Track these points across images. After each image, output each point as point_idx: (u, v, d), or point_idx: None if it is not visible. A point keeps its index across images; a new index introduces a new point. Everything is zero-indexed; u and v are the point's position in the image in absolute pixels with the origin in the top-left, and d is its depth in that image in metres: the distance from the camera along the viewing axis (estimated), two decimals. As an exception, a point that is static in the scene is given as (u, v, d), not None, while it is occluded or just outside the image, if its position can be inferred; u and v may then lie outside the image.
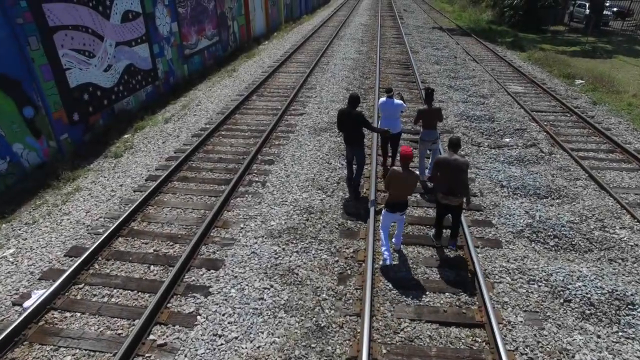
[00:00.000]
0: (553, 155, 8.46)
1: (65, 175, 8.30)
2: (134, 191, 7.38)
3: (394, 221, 5.44)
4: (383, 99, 7.12)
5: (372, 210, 6.33)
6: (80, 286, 5.09)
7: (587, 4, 29.09)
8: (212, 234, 6.10)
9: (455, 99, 11.86)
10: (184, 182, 7.61)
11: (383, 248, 5.37)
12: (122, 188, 7.53)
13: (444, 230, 5.90)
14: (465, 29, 25.85)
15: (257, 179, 7.63)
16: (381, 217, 5.49)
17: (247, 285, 5.04)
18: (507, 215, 6.38)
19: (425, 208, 6.75)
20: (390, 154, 7.61)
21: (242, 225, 6.24)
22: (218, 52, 18.75)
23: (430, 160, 7.50)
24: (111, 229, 6.03)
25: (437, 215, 5.64)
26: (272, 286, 5.02)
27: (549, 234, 5.97)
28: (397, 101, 7.07)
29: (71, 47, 9.61)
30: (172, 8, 14.38)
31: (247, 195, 7.06)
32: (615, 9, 30.43)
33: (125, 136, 10.64)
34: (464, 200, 5.32)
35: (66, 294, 4.97)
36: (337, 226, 6.21)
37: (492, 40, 22.32)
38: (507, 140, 9.27)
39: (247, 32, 22.72)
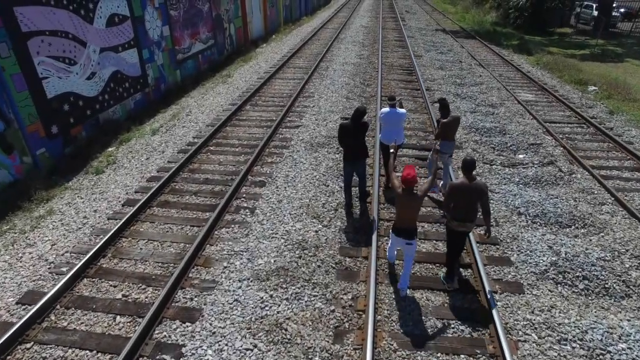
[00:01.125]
0: (573, 175, 7.66)
1: (38, 195, 7.55)
2: (108, 219, 6.60)
3: (399, 247, 4.89)
4: (386, 108, 6.63)
5: (374, 244, 5.56)
6: (28, 345, 4.31)
7: (594, 5, 28.26)
8: (191, 275, 5.32)
9: (463, 109, 11.06)
10: (165, 208, 6.84)
11: (389, 257, 5.29)
12: (95, 214, 6.76)
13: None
14: (469, 31, 25.05)
15: (245, 205, 6.85)
16: (390, 236, 4.96)
17: (226, 344, 4.26)
18: (528, 251, 5.59)
19: (434, 241, 5.96)
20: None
21: (225, 264, 5.46)
22: (213, 56, 18.00)
23: (443, 175, 6.93)
24: (76, 268, 5.26)
25: (449, 247, 4.98)
26: (256, 346, 4.24)
27: (577, 274, 5.18)
28: (401, 110, 6.63)
29: (49, 54, 8.85)
30: (163, 11, 13.63)
31: (233, 226, 6.28)
32: (622, 10, 29.57)
33: (110, 149, 9.89)
34: (485, 229, 4.79)
35: (7, 357, 4.19)
36: (333, 265, 5.43)
37: (498, 43, 21.52)
38: (522, 156, 8.47)
39: (244, 35, 21.97)
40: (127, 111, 11.94)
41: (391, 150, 5.60)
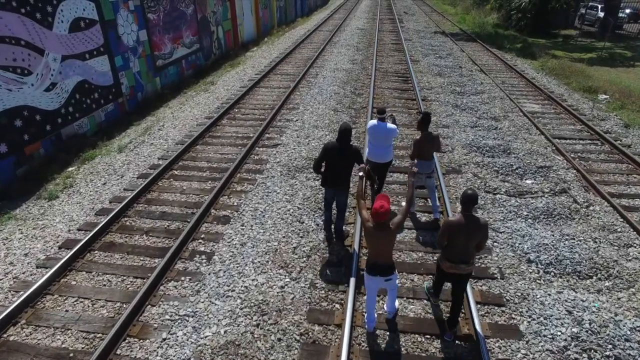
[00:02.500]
0: (591, 208, 6.55)
1: (-28, 230, 6.48)
2: (37, 267, 5.52)
3: (380, 287, 4.15)
4: (374, 121, 5.93)
5: (349, 306, 4.47)
6: None
7: (600, 6, 27.12)
8: (119, 351, 4.23)
9: (462, 123, 9.96)
10: (108, 252, 5.75)
11: (367, 319, 4.36)
12: (25, 260, 5.67)
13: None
14: (469, 33, 23.94)
15: (202, 249, 5.75)
16: (364, 281, 4.25)
17: None
18: (542, 319, 4.48)
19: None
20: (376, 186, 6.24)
21: (165, 335, 4.37)
22: (199, 61, 16.94)
23: (431, 199, 6.23)
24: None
25: (436, 284, 4.54)
26: None
27: (608, 353, 4.07)
28: (390, 125, 5.90)
29: (-6, 64, 7.82)
30: (139, 14, 12.56)
31: (184, 278, 5.19)
32: (628, 11, 28.38)
33: (70, 169, 8.84)
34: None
35: None
36: (297, 337, 4.32)
37: (500, 46, 20.41)
38: (529, 182, 7.37)
39: (234, 38, 20.91)
40: (97, 124, 10.89)
41: (360, 174, 4.55)
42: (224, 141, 9.22)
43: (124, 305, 4.80)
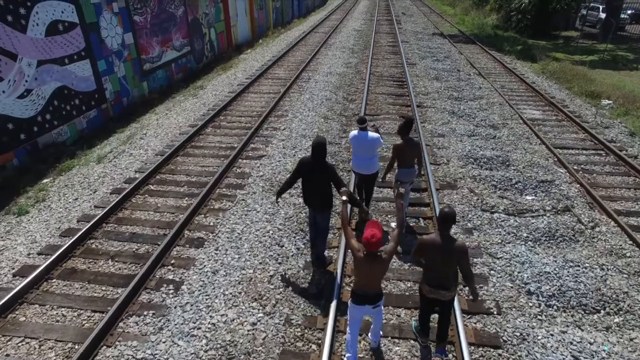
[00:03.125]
0: (597, 229, 6.03)
1: None
2: (-13, 298, 5.00)
3: (366, 315, 3.86)
4: (354, 132, 5.63)
5: (326, 349, 3.95)
6: None
7: (601, 7, 26.61)
8: (62, 405, 3.72)
9: (459, 132, 9.43)
10: (67, 280, 5.24)
11: (348, 355, 3.86)
12: (-25, 290, 5.16)
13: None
14: (468, 35, 23.43)
15: (171, 277, 5.24)
16: (348, 311, 3.85)
17: None
18: (544, 364, 3.97)
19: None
20: (364, 198, 6.21)
21: (116, 384, 3.86)
22: (190, 64, 16.44)
23: (404, 203, 5.88)
24: None
25: (421, 310, 4.16)
26: None
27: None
28: (372, 134, 5.55)
29: (-43, 71, 7.32)
30: (124, 16, 12.07)
31: (146, 313, 4.67)
32: (630, 12, 27.86)
33: (45, 181, 8.36)
34: (470, 292, 3.80)
35: None
36: (268, 388, 3.81)
37: (499, 49, 19.90)
38: (530, 198, 6.85)
39: (227, 40, 20.42)
40: (78, 132, 10.40)
41: (344, 198, 4.06)
42: (206, 152, 8.71)
43: (76, 347, 4.29)
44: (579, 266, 5.21)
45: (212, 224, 6.28)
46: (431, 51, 18.45)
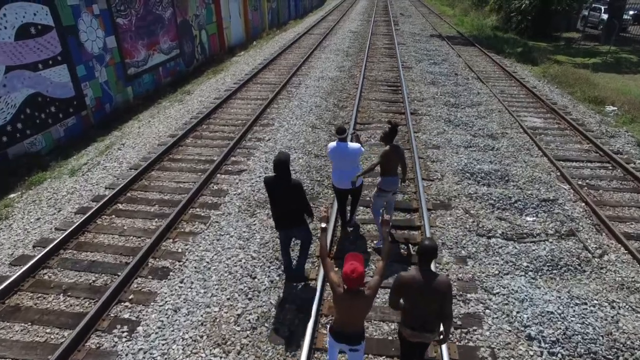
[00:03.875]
0: (605, 258, 5.44)
1: None
2: None
3: (344, 351, 3.32)
4: (333, 143, 5.24)
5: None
6: None
7: (603, 8, 25.99)
8: None
9: (455, 143, 8.84)
10: (8, 321, 4.64)
11: None
12: None
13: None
14: (467, 36, 22.83)
15: (127, 316, 4.65)
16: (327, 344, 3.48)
17: None
18: None
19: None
20: (349, 214, 5.95)
21: None
22: (179, 67, 15.87)
23: (389, 213, 5.53)
24: None
25: (402, 357, 3.64)
26: None
27: None
28: (352, 145, 5.19)
29: None
30: (106, 19, 11.50)
31: (91, 363, 4.09)
32: (632, 12, 27.22)
33: (12, 195, 7.80)
34: (442, 332, 3.32)
35: None
36: None
37: (499, 51, 19.31)
38: (530, 219, 6.26)
39: (219, 42, 19.86)
40: (55, 140, 9.84)
41: (323, 225, 3.49)
42: (184, 166, 8.12)
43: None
44: (586, 304, 4.62)
45: (180, 250, 5.70)
46: (428, 54, 17.86)
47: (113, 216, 6.55)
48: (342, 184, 5.32)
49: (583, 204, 6.72)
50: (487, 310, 4.57)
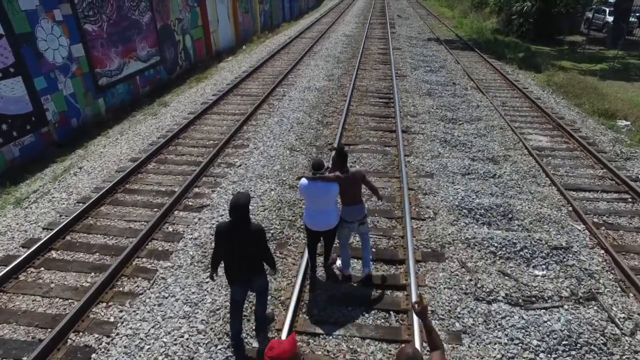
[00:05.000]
0: (638, 336, 4.36)
1: None
2: None
3: None
4: (305, 180, 4.57)
5: None
6: None
7: (607, 10, 24.90)
8: None
9: (451, 169, 7.77)
10: None
11: None
12: None
13: None
14: (466, 40, 21.76)
15: None
16: None
17: None
18: None
19: None
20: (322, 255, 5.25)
21: None
22: (159, 75, 14.83)
23: (364, 246, 5.01)
24: None
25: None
26: None
27: None
28: (329, 184, 4.51)
29: None
30: (71, 25, 10.45)
31: None
32: (639, 15, 26.09)
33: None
34: None
35: None
36: None
37: (500, 56, 18.24)
38: (540, 274, 5.20)
39: (206, 47, 18.82)
40: (7, 161, 8.84)
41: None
42: (139, 199, 7.05)
43: None
44: (617, 408, 3.55)
45: (112, 319, 4.63)
46: (425, 60, 16.79)
47: (42, 269, 5.48)
48: (316, 224, 4.66)
49: (602, 252, 5.65)
50: (489, 420, 3.50)
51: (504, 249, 5.61)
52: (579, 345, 4.20)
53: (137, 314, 4.66)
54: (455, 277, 5.08)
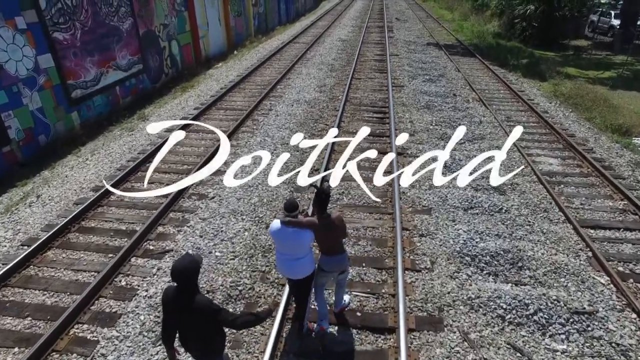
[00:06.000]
0: None
1: None
2: None
3: None
4: (277, 223, 3.91)
5: None
6: None
7: (613, 13, 23.98)
8: None
9: (452, 201, 6.85)
10: None
11: None
12: None
13: None
14: (467, 45, 20.83)
15: None
16: None
17: None
18: None
19: None
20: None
21: None
22: (142, 84, 13.94)
23: (338, 290, 4.53)
24: None
25: None
26: None
27: None
28: (301, 231, 3.86)
29: None
30: (37, 33, 9.58)
31: None
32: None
33: None
34: None
35: None
36: None
37: (502, 62, 17.32)
38: (560, 348, 4.29)
39: (194, 53, 17.93)
40: (-39, 187, 7.89)
41: None
42: (93, 241, 6.13)
43: None
44: None
45: (29, 417, 3.71)
46: (424, 67, 15.87)
47: (-40, 339, 4.56)
48: (286, 271, 4.11)
49: (634, 315, 4.73)
50: None
51: (514, 311, 4.69)
52: None
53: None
54: (456, 355, 4.15)
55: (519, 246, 5.76)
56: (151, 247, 5.92)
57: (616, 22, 22.95)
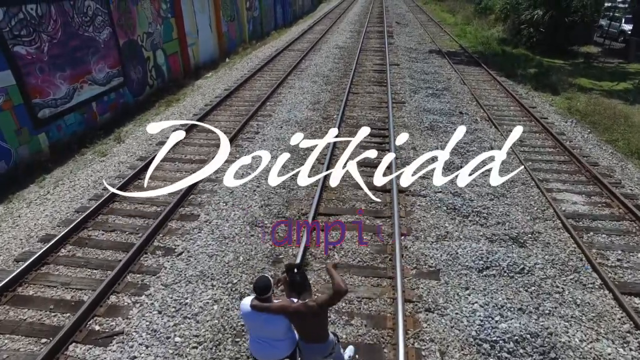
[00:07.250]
0: None
1: None
2: None
3: None
4: (246, 303, 3.33)
5: None
6: None
7: (623, 18, 22.84)
8: None
9: (463, 260, 5.73)
10: None
11: None
12: None
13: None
14: (471, 53, 19.72)
15: None
16: None
17: None
18: None
19: None
20: None
21: None
22: (123, 98, 12.86)
23: None
24: None
25: None
26: None
27: None
28: (274, 317, 3.26)
29: None
30: (-6, 49, 8.45)
31: None
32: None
33: None
34: None
35: None
36: None
37: (509, 73, 16.21)
38: None
39: (182, 62, 16.83)
40: None
41: None
42: (27, 317, 5.00)
43: None
44: None
45: None
46: (426, 79, 14.76)
47: None
48: (259, 355, 3.54)
49: None
50: None
51: None
52: None
53: None
54: None
55: (549, 327, 4.65)
56: (97, 328, 4.79)
57: (627, 27, 21.84)
